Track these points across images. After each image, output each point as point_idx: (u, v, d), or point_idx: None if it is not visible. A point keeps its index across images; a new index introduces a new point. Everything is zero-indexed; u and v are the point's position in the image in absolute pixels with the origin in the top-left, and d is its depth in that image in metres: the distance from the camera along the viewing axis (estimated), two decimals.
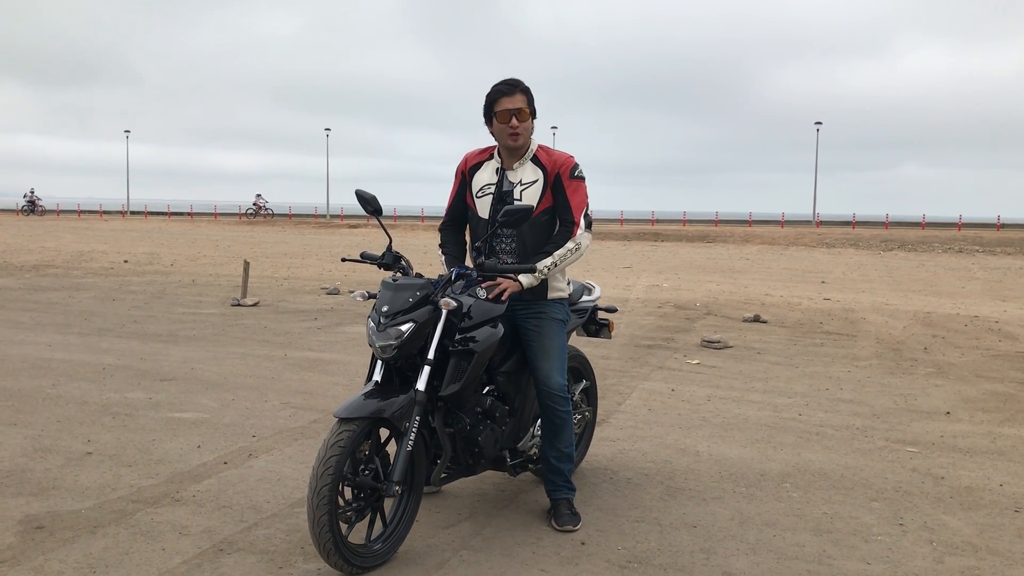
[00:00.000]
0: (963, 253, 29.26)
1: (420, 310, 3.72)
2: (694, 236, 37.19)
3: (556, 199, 4.15)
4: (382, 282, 3.85)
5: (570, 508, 4.20)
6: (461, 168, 4.37)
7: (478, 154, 4.35)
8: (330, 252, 25.34)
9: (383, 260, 4.08)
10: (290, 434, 5.65)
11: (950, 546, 4.00)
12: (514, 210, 3.87)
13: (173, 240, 30.68)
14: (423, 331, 3.72)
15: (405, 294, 3.74)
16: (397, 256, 4.08)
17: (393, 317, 3.68)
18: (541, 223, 4.16)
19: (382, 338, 3.68)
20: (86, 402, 6.39)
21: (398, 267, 4.06)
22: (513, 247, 4.19)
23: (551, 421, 4.17)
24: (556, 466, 4.23)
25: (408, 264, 4.09)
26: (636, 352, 8.94)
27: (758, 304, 13.55)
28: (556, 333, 4.23)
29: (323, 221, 52.36)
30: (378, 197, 4.08)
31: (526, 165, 4.19)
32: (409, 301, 3.71)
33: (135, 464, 4.99)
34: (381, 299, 3.78)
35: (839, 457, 5.36)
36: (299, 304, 12.65)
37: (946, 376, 8.02)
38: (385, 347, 3.67)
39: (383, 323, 3.69)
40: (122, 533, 3.98)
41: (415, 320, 3.69)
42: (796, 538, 4.07)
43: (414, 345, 3.72)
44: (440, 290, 3.85)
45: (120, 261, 20.31)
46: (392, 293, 3.75)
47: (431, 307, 3.75)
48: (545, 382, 4.12)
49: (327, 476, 3.43)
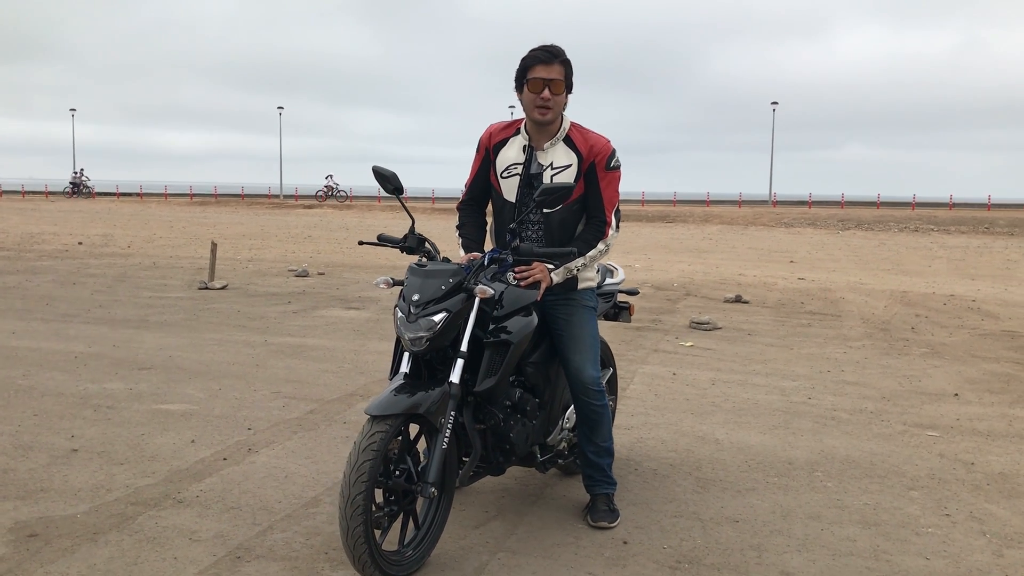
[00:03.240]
0: (919, 232, 29.58)
1: (453, 299, 3.39)
2: (654, 216, 37.15)
3: (588, 189, 3.82)
4: (409, 268, 3.52)
5: (608, 504, 3.96)
6: (484, 143, 3.98)
7: (503, 128, 3.98)
8: (289, 233, 24.79)
9: (406, 243, 3.71)
10: (288, 426, 5.33)
11: (1004, 538, 3.84)
12: (552, 188, 3.58)
13: (125, 221, 29.79)
14: (456, 321, 3.41)
15: (437, 281, 3.41)
16: (421, 239, 3.71)
17: (424, 307, 3.36)
18: (572, 212, 3.84)
19: (412, 329, 3.35)
20: (63, 394, 5.99)
21: (422, 251, 3.72)
22: (540, 235, 3.88)
23: (586, 416, 3.91)
24: (595, 461, 3.97)
25: (433, 247, 3.74)
26: (627, 335, 8.73)
27: (735, 284, 13.44)
28: (587, 322, 3.95)
29: (277, 201, 51.42)
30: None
31: (558, 146, 3.83)
32: (441, 289, 3.38)
33: (127, 462, 4.64)
34: (410, 287, 3.44)
35: (862, 443, 5.20)
36: (269, 287, 12.23)
37: (942, 356, 7.93)
38: (416, 339, 3.35)
39: (414, 313, 3.37)
40: (126, 540, 3.65)
41: (448, 310, 3.36)
42: (845, 532, 3.88)
43: (447, 336, 3.40)
44: (472, 276, 3.51)
45: (74, 243, 19.60)
46: (422, 280, 3.42)
47: (464, 295, 3.43)
48: (578, 376, 3.85)
49: (361, 483, 3.12)
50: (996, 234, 28.64)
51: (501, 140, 3.95)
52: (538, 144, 3.86)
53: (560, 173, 3.80)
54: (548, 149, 3.84)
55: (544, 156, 3.84)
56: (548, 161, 3.83)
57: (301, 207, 43.60)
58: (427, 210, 38.03)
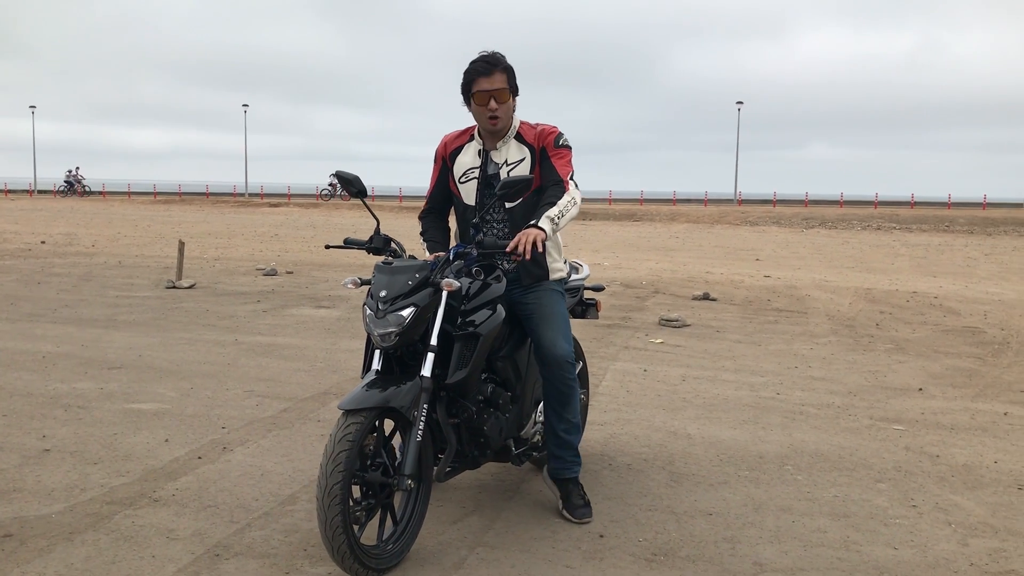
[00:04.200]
0: (882, 230, 30.03)
1: (420, 293, 3.46)
2: (621, 215, 37.35)
3: (543, 168, 3.92)
4: (376, 266, 3.58)
5: (582, 496, 4.01)
6: (440, 153, 4.10)
7: (457, 136, 4.10)
8: (256, 231, 24.63)
9: (372, 244, 3.80)
10: (262, 424, 5.33)
11: (969, 528, 3.94)
12: (512, 182, 3.64)
13: (88, 220, 29.42)
14: (424, 316, 3.47)
15: (403, 277, 3.48)
16: (387, 239, 3.81)
17: (392, 302, 3.42)
18: (534, 205, 3.91)
19: (382, 325, 3.41)
20: (32, 394, 5.93)
21: (389, 251, 3.79)
22: (506, 232, 3.97)
23: (558, 391, 3.95)
24: (566, 439, 4.02)
25: (400, 247, 3.82)
26: (598, 332, 8.80)
27: (702, 282, 13.57)
28: (556, 302, 4.04)
29: (243, 200, 51.00)
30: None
31: (510, 144, 3.96)
32: (408, 284, 3.45)
33: (101, 461, 4.61)
34: (377, 284, 3.50)
35: (830, 437, 5.29)
36: (237, 286, 12.16)
37: (906, 352, 8.08)
38: (385, 335, 3.41)
39: (382, 309, 3.43)
40: (103, 539, 3.64)
41: (416, 304, 3.43)
42: (815, 523, 3.96)
43: (416, 331, 3.47)
44: (438, 271, 3.59)
45: (37, 242, 19.33)
46: (389, 277, 3.49)
47: (432, 289, 3.50)
48: (551, 350, 3.89)
49: (338, 473, 3.16)
50: (956, 232, 29.16)
51: (456, 148, 4.07)
52: (491, 146, 3.98)
53: (515, 168, 3.93)
54: (501, 148, 3.96)
55: (498, 155, 3.96)
56: (502, 159, 3.95)
57: (267, 206, 43.30)
58: (395, 208, 37.93)
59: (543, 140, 3.92)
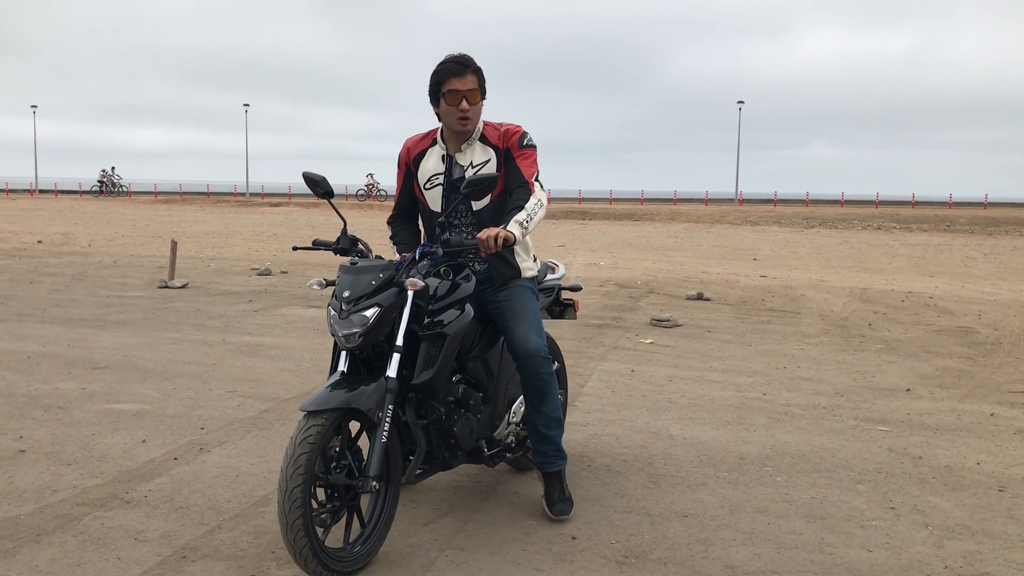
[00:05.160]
0: (882, 230, 29.96)
1: (385, 293, 3.43)
2: (621, 214, 37.30)
3: (508, 170, 3.89)
4: (340, 266, 3.55)
5: (562, 491, 4.00)
6: (404, 158, 4.06)
7: (419, 140, 4.04)
8: (254, 231, 24.61)
9: (339, 245, 3.77)
10: (241, 425, 5.30)
11: (946, 530, 3.90)
12: (477, 180, 3.60)
13: (87, 219, 29.42)
14: (389, 316, 3.44)
15: (367, 277, 3.44)
16: (354, 239, 3.78)
17: (356, 303, 3.39)
18: (501, 205, 3.88)
19: (345, 326, 3.38)
20: (13, 394, 5.91)
21: (355, 251, 3.76)
22: (474, 235, 3.92)
23: (534, 386, 3.91)
24: (546, 434, 3.99)
25: (367, 247, 3.79)
26: (587, 332, 8.77)
27: (697, 282, 13.53)
28: (527, 298, 4.01)
29: (243, 199, 50.99)
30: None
31: (475, 146, 3.93)
32: (372, 284, 3.42)
33: (75, 462, 4.59)
34: (341, 284, 3.47)
35: (813, 438, 5.26)
36: (230, 285, 12.14)
37: (896, 352, 8.04)
38: (349, 335, 3.37)
39: (345, 310, 3.39)
40: (70, 541, 3.62)
41: (380, 304, 3.40)
42: (791, 525, 3.92)
43: (380, 331, 3.43)
44: (404, 271, 3.56)
45: (33, 241, 19.33)
46: (352, 277, 3.46)
47: (396, 289, 3.47)
48: (523, 345, 3.85)
49: (298, 476, 3.13)
50: (956, 232, 29.08)
51: (419, 152, 4.02)
52: (455, 149, 3.94)
53: (481, 169, 3.89)
54: (465, 151, 3.93)
55: (463, 158, 3.92)
56: (467, 162, 3.91)
57: (267, 205, 43.27)
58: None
59: (507, 140, 3.89)
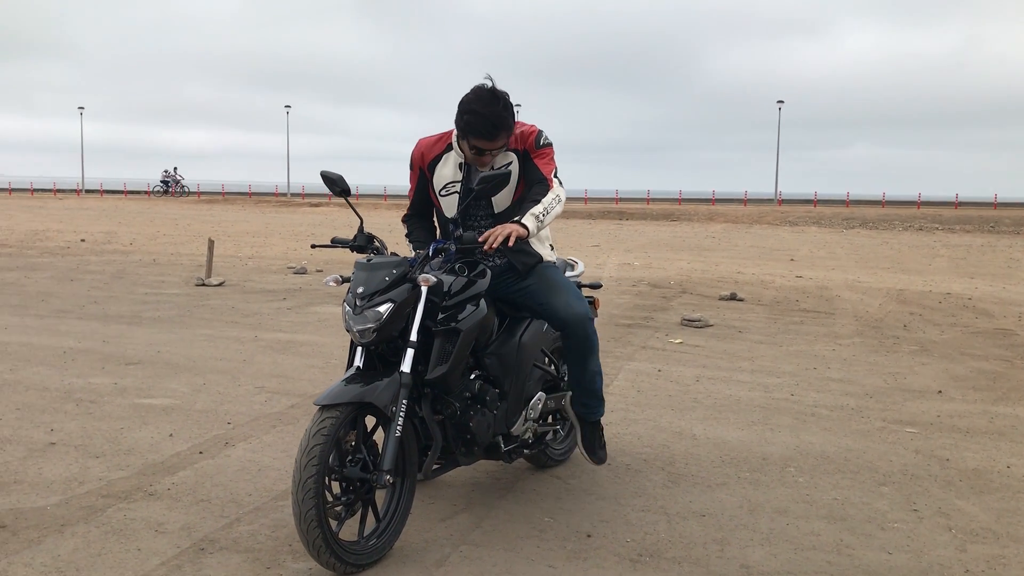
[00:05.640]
0: (924, 231, 29.49)
1: (398, 289, 3.47)
2: (658, 215, 37.13)
3: (526, 169, 3.90)
4: (355, 263, 3.61)
5: (601, 438, 4.30)
6: (418, 162, 4.04)
7: (434, 143, 4.02)
8: (293, 231, 24.85)
9: (355, 243, 3.83)
10: (267, 420, 5.36)
11: (970, 533, 3.84)
12: (491, 176, 3.62)
13: (131, 218, 29.92)
14: (403, 312, 3.48)
15: (380, 273, 3.49)
16: (370, 237, 3.83)
17: (369, 298, 3.44)
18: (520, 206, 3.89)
19: (359, 321, 3.42)
20: (47, 388, 6.03)
21: (371, 248, 3.81)
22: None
23: (582, 347, 4.01)
24: (591, 388, 4.16)
25: (382, 244, 3.84)
26: (616, 332, 8.74)
27: (732, 282, 13.43)
28: (557, 273, 4.07)
29: (284, 199, 51.54)
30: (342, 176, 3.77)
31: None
32: (385, 280, 3.46)
33: (103, 455, 4.67)
34: (355, 281, 3.53)
35: (839, 439, 5.20)
36: (266, 284, 12.28)
37: (931, 354, 7.92)
38: (363, 331, 3.42)
39: (359, 306, 3.44)
40: (93, 532, 3.69)
41: (393, 300, 3.44)
42: (810, 526, 3.88)
43: (394, 327, 3.47)
44: (418, 267, 3.60)
45: (77, 240, 19.70)
46: (367, 274, 3.50)
47: (409, 285, 3.50)
48: (568, 310, 3.92)
49: (311, 467, 3.18)
50: (1001, 233, 28.54)
51: (434, 157, 4.01)
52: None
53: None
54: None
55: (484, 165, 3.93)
56: (488, 167, 3.90)
57: (307, 205, 43.70)
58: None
59: (525, 142, 3.89)
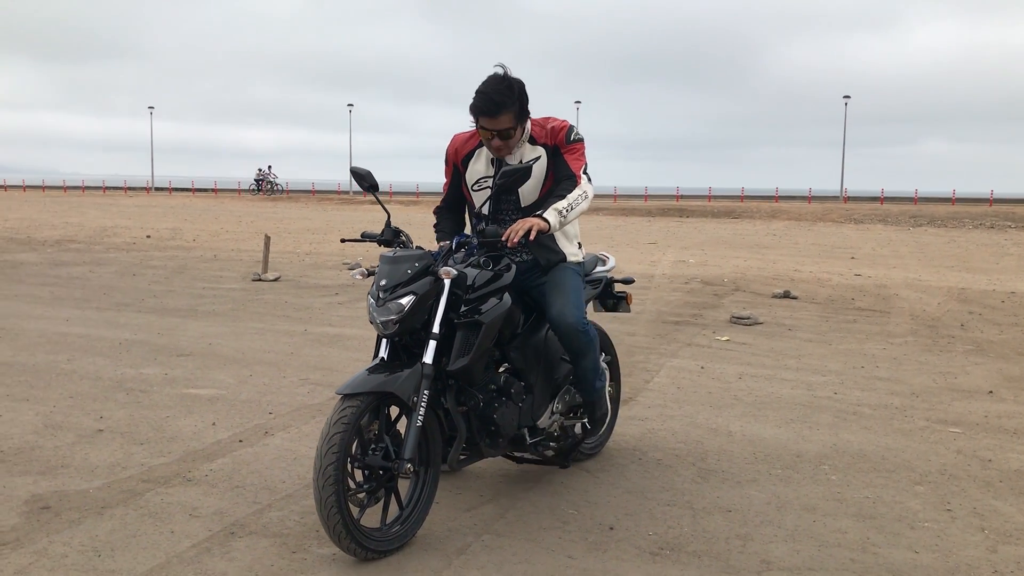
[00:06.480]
0: (994, 229, 28.65)
1: (420, 281, 3.55)
2: (720, 212, 36.72)
3: (556, 165, 3.95)
4: (380, 256, 3.68)
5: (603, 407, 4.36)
6: (452, 157, 4.14)
7: (467, 139, 4.10)
8: (352, 228, 25.16)
9: (382, 237, 3.93)
10: (307, 411, 5.48)
11: (1003, 534, 3.76)
12: (512, 170, 3.67)
13: (197, 216, 30.64)
14: (425, 304, 3.54)
15: (403, 266, 3.56)
16: (396, 231, 3.92)
17: (392, 291, 3.51)
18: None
19: (382, 313, 3.50)
20: (100, 378, 6.25)
21: (397, 242, 3.89)
22: None
23: (571, 350, 4.04)
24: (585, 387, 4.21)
25: (408, 238, 3.92)
26: (663, 328, 8.71)
27: (787, 280, 13.24)
28: (569, 275, 4.07)
29: (346, 197, 52.21)
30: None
31: (523, 147, 3.99)
32: (408, 273, 3.54)
33: (147, 442, 4.83)
34: (379, 273, 3.61)
35: (878, 438, 5.12)
36: (320, 279, 12.49)
37: (986, 354, 7.73)
38: (386, 322, 3.49)
39: (383, 298, 3.52)
40: (130, 514, 3.82)
41: (415, 292, 3.51)
42: (837, 524, 3.84)
43: (417, 319, 3.54)
44: (441, 260, 3.68)
45: (143, 236, 20.25)
46: (390, 266, 3.58)
47: (432, 278, 3.57)
48: (559, 318, 3.92)
49: (331, 455, 3.26)
50: None
51: (468, 153, 4.09)
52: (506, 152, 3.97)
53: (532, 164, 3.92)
54: (515, 152, 3.98)
55: (512, 159, 3.98)
56: (517, 161, 3.96)
57: (369, 203, 44.19)
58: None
59: (555, 138, 3.95)
